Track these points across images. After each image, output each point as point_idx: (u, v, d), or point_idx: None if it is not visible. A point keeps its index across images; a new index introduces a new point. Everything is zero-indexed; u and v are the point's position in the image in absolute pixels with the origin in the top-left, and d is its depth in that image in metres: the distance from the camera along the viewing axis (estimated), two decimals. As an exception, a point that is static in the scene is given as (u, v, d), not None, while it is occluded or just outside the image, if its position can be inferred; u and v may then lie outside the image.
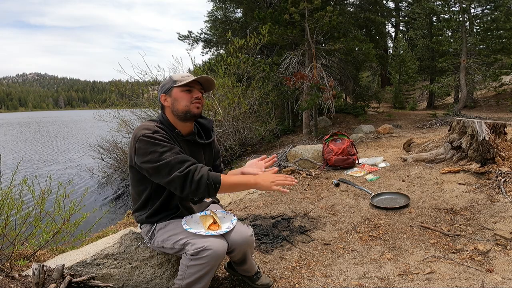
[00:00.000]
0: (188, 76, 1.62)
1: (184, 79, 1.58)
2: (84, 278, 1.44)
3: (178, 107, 1.57)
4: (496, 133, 3.43)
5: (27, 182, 2.22)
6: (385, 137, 7.11)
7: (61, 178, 9.00)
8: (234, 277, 1.92)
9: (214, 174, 1.44)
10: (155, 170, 1.41)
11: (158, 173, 1.42)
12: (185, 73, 1.65)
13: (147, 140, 1.43)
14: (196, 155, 1.65)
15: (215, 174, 1.45)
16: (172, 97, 1.58)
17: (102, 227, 3.88)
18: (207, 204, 1.75)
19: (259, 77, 8.46)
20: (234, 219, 1.61)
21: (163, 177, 1.41)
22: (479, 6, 11.20)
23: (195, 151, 1.65)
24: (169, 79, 1.62)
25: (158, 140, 1.44)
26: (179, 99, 1.57)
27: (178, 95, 1.58)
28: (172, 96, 1.58)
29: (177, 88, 1.58)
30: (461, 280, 1.74)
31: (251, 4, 10.72)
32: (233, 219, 1.62)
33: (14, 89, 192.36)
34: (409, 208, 2.82)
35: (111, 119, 7.98)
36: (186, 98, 1.57)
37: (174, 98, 1.58)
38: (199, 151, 1.68)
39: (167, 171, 1.40)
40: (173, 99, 1.58)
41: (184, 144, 1.61)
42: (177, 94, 1.58)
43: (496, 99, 12.64)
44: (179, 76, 1.61)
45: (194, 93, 1.59)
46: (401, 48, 15.52)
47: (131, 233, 1.75)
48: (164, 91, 1.61)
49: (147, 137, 1.43)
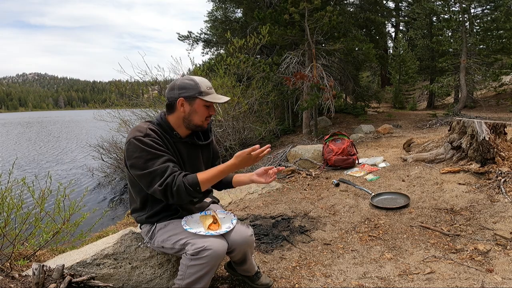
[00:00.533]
0: (211, 89, 1.55)
1: (210, 93, 1.52)
2: (84, 278, 1.44)
3: (193, 119, 1.53)
4: (496, 133, 3.43)
5: (26, 182, 2.22)
6: (385, 137, 7.11)
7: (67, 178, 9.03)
8: (234, 277, 1.92)
9: (190, 178, 1.40)
10: (138, 178, 1.43)
11: (140, 181, 1.44)
12: (208, 83, 1.56)
13: (135, 143, 1.41)
14: (194, 156, 1.64)
15: (191, 177, 1.41)
16: (193, 107, 1.52)
17: (102, 227, 3.88)
18: (207, 204, 1.74)
19: (259, 77, 8.46)
20: (234, 219, 1.61)
21: (145, 186, 1.42)
22: (479, 6, 11.19)
23: (192, 153, 1.63)
24: (194, 84, 1.51)
25: (146, 145, 1.41)
26: (199, 112, 1.52)
27: (199, 109, 1.52)
28: (193, 106, 1.52)
29: (202, 100, 1.51)
30: (461, 280, 1.74)
31: (251, 4, 10.72)
32: (233, 219, 1.62)
33: (14, 89, 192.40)
34: (409, 208, 2.82)
35: (111, 119, 7.98)
36: (204, 113, 1.54)
37: (194, 109, 1.52)
38: (197, 153, 1.66)
39: (149, 181, 1.39)
40: (192, 109, 1.52)
41: (181, 146, 1.58)
42: (199, 107, 1.52)
43: (496, 99, 12.64)
44: (205, 85, 1.52)
45: (211, 110, 1.56)
46: (401, 48, 15.52)
47: (131, 233, 1.75)
48: (185, 96, 1.50)
49: (136, 140, 1.41)
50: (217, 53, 13.79)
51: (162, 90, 8.24)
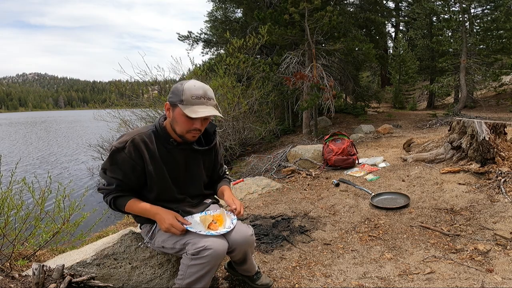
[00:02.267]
0: (202, 99, 1.41)
1: (194, 103, 1.39)
2: (84, 278, 1.44)
3: (175, 127, 1.47)
4: (496, 133, 3.43)
5: (26, 182, 2.22)
6: (385, 137, 7.11)
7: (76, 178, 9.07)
8: (234, 277, 1.92)
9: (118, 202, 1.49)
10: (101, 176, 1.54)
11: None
12: (200, 90, 1.41)
13: (110, 153, 1.47)
14: (193, 163, 1.60)
15: (120, 202, 1.49)
16: (173, 114, 1.45)
17: (102, 227, 3.88)
18: (207, 204, 1.74)
19: (259, 77, 8.46)
20: (234, 219, 1.60)
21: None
22: (479, 6, 11.19)
23: (192, 159, 1.59)
24: (180, 89, 1.41)
25: (113, 160, 1.45)
26: (179, 122, 1.44)
27: (179, 118, 1.43)
28: (174, 114, 1.44)
29: (181, 110, 1.40)
30: (461, 280, 1.73)
31: (251, 4, 10.72)
32: (233, 219, 1.60)
33: (14, 89, 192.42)
34: (409, 208, 2.82)
35: (111, 119, 7.98)
36: (185, 125, 1.43)
37: (174, 117, 1.45)
38: (196, 159, 1.61)
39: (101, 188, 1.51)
40: (173, 116, 1.45)
41: (178, 152, 1.53)
42: (178, 116, 1.43)
43: (496, 99, 12.64)
44: (190, 94, 1.40)
45: (196, 123, 1.43)
46: (401, 48, 15.52)
47: (131, 233, 1.75)
48: (170, 101, 1.45)
49: (111, 151, 1.46)
50: (217, 53, 13.79)
51: (162, 90, 8.24)
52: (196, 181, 1.67)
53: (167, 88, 8.34)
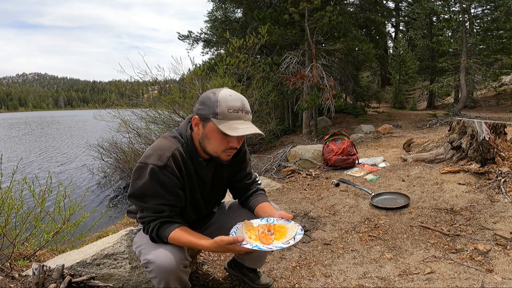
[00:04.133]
0: (239, 112, 1.20)
1: (231, 118, 1.19)
2: (84, 278, 1.44)
3: (206, 145, 1.27)
4: (496, 133, 3.43)
5: (27, 181, 2.22)
6: (385, 137, 7.11)
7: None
8: (234, 277, 1.92)
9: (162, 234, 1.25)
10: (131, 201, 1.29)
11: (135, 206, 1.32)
12: (238, 102, 1.21)
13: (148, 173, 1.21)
14: (218, 179, 1.45)
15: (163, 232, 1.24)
16: (205, 130, 1.24)
17: (102, 227, 3.87)
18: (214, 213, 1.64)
19: (259, 77, 8.46)
20: (299, 234, 1.19)
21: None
22: (479, 6, 11.19)
23: (217, 176, 1.43)
24: (214, 100, 1.21)
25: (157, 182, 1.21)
26: (211, 139, 1.24)
27: (212, 135, 1.23)
28: (205, 129, 1.24)
29: (215, 125, 1.20)
30: (461, 280, 1.74)
31: (251, 4, 10.72)
32: (299, 233, 1.19)
33: (14, 89, 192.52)
34: (409, 208, 2.82)
35: (111, 119, 7.98)
36: (220, 143, 1.24)
37: (205, 134, 1.25)
38: (222, 173, 1.45)
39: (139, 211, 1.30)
40: (204, 133, 1.25)
41: (205, 172, 1.37)
42: (211, 132, 1.23)
43: (496, 99, 12.64)
44: (226, 106, 1.19)
45: (232, 141, 1.24)
46: (401, 48, 15.51)
47: (131, 233, 1.75)
48: (200, 114, 1.24)
49: (151, 171, 1.21)
50: (217, 53, 13.80)
51: (162, 90, 8.24)
52: (217, 196, 1.58)
53: (167, 88, 8.33)
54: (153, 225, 1.25)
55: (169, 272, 1.19)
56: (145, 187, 1.22)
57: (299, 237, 1.17)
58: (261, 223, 1.28)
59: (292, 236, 1.18)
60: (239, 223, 1.29)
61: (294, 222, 1.27)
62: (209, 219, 1.65)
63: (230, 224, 1.48)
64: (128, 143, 8.24)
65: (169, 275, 1.20)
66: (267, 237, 1.18)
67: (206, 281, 1.91)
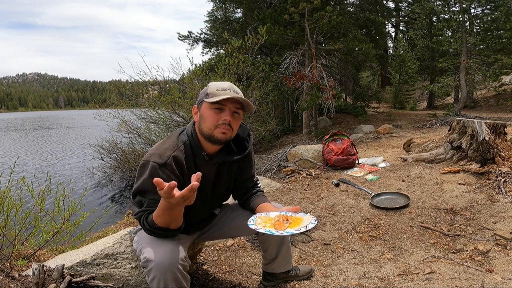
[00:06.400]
0: (225, 90, 1.31)
1: (218, 94, 1.29)
2: (84, 278, 1.44)
3: (203, 127, 1.33)
4: (496, 133, 3.43)
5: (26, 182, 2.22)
6: (385, 137, 7.11)
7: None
8: (234, 277, 1.92)
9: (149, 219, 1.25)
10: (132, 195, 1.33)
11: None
12: (225, 84, 1.33)
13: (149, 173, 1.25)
14: (221, 179, 1.46)
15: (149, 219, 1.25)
16: (201, 112, 1.34)
17: (102, 227, 3.87)
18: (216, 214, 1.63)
19: (259, 77, 8.46)
20: (312, 224, 1.25)
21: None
22: (479, 6, 11.18)
23: (219, 176, 1.45)
24: (205, 88, 1.36)
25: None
26: (205, 118, 1.31)
27: (206, 113, 1.31)
28: (200, 111, 1.34)
29: (207, 103, 1.31)
30: (461, 280, 1.73)
31: (251, 4, 10.72)
32: (311, 223, 1.26)
33: (14, 89, 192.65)
34: (409, 208, 2.82)
35: (111, 119, 7.99)
36: (213, 118, 1.30)
37: (201, 115, 1.34)
38: (225, 173, 1.47)
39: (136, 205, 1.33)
40: (200, 115, 1.34)
41: (208, 168, 1.38)
42: (204, 111, 1.32)
43: (496, 99, 12.64)
44: (215, 87, 1.32)
45: (224, 114, 1.30)
46: (401, 48, 15.51)
47: (131, 233, 1.74)
48: (197, 102, 1.37)
49: (151, 168, 1.25)
50: (217, 53, 13.80)
51: (161, 90, 8.24)
52: (219, 198, 1.57)
53: (167, 88, 8.34)
54: (146, 215, 1.28)
55: (166, 270, 1.20)
56: (145, 183, 1.27)
57: (311, 226, 1.24)
58: (279, 214, 1.34)
59: (305, 225, 1.25)
60: (258, 213, 1.37)
61: (310, 215, 1.33)
62: (210, 221, 1.64)
63: (231, 227, 1.51)
64: (128, 143, 8.24)
65: (168, 273, 1.20)
66: (281, 224, 1.25)
67: (206, 281, 1.91)
